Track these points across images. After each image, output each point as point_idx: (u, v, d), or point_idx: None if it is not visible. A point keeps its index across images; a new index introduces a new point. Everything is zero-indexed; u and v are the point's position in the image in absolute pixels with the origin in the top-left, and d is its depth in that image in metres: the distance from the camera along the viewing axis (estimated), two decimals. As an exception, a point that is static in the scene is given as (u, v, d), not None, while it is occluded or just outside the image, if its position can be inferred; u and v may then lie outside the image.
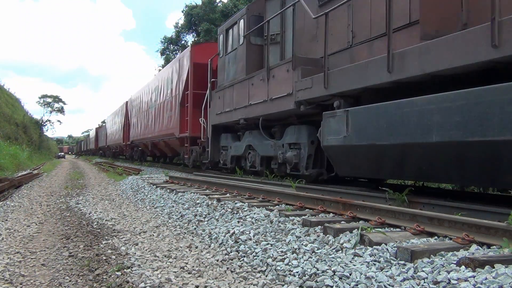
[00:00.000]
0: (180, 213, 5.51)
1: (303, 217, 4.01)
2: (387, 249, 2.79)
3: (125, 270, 3.15)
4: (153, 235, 4.47)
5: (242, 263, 3.22)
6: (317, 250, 3.08)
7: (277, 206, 4.87)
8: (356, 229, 3.26)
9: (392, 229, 3.43)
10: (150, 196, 7.49)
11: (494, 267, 2.24)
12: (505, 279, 2.06)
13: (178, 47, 35.67)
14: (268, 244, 3.43)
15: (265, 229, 3.87)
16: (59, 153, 65.16)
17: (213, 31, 27.91)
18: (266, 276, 2.90)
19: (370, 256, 2.73)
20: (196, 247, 3.84)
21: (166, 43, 36.51)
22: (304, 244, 3.24)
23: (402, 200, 4.73)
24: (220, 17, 29.30)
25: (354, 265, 2.65)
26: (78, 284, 2.99)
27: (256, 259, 3.21)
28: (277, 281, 2.79)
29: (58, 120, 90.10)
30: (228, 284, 2.81)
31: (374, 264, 2.60)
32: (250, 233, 3.80)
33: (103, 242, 4.20)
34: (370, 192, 5.39)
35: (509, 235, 2.70)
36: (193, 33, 33.76)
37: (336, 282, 2.49)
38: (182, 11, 33.55)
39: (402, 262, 2.55)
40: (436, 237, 3.09)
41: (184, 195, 6.62)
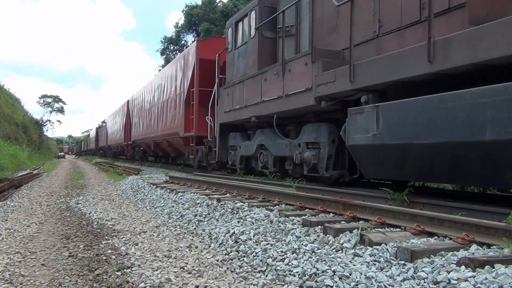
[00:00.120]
0: (180, 213, 5.51)
1: (303, 217, 4.01)
2: (387, 249, 2.79)
3: (125, 270, 3.15)
4: (153, 235, 4.47)
5: (242, 263, 3.22)
6: (317, 250, 3.08)
7: (277, 206, 4.87)
8: (356, 229, 3.26)
9: (392, 229, 3.43)
10: (150, 196, 7.49)
11: (494, 267, 2.24)
12: (505, 279, 2.06)
13: (178, 47, 35.69)
14: (268, 244, 3.43)
15: (265, 229, 3.87)
16: (59, 153, 65.18)
17: (213, 31, 27.94)
18: (266, 276, 2.90)
19: (370, 256, 2.73)
20: (196, 247, 3.84)
21: (166, 43, 36.54)
22: (304, 244, 3.24)
23: (402, 200, 4.73)
24: (220, 17, 29.33)
25: (354, 265, 2.65)
26: (78, 284, 2.99)
27: (256, 259, 3.21)
28: (277, 281, 2.79)
29: (58, 120, 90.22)
30: (228, 284, 2.81)
31: (374, 264, 2.60)
32: (250, 233, 3.80)
33: (103, 242, 4.20)
34: (370, 192, 5.39)
35: (509, 235, 2.70)
36: (193, 33, 33.78)
37: (336, 282, 2.49)
38: (182, 11, 33.61)
39: (402, 262, 2.55)
40: (436, 237, 3.09)
41: (184, 195, 6.62)
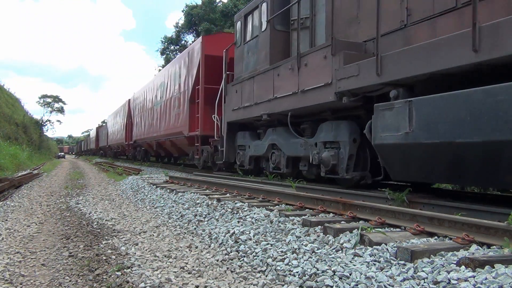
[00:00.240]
0: (180, 213, 5.51)
1: (303, 217, 4.01)
2: (387, 249, 2.79)
3: (125, 270, 3.15)
4: (153, 235, 4.47)
5: (242, 263, 3.22)
6: (317, 250, 3.08)
7: (277, 206, 4.87)
8: (356, 229, 3.26)
9: (392, 229, 3.43)
10: (150, 196, 7.49)
11: (494, 267, 2.24)
12: (505, 279, 2.06)
13: (178, 47, 35.69)
14: (268, 244, 3.43)
15: (265, 229, 3.87)
16: (59, 153, 65.19)
17: (213, 31, 27.92)
18: (266, 276, 2.90)
19: (370, 256, 2.73)
20: (196, 247, 3.84)
21: (166, 43, 36.55)
22: (304, 244, 3.24)
23: (402, 200, 4.73)
24: (220, 17, 29.34)
25: (354, 265, 2.65)
26: (78, 284, 2.99)
27: (256, 259, 3.21)
28: (277, 281, 2.79)
29: (58, 120, 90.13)
30: (228, 284, 2.81)
31: (374, 264, 2.60)
32: (250, 233, 3.80)
33: (103, 242, 4.20)
34: (370, 192, 5.39)
35: (509, 235, 2.70)
36: (193, 33, 33.79)
37: (336, 282, 2.49)
38: (182, 11, 33.61)
39: (402, 262, 2.55)
40: (436, 237, 3.09)
41: (184, 195, 6.62)
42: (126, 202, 7.57)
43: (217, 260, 3.36)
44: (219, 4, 31.45)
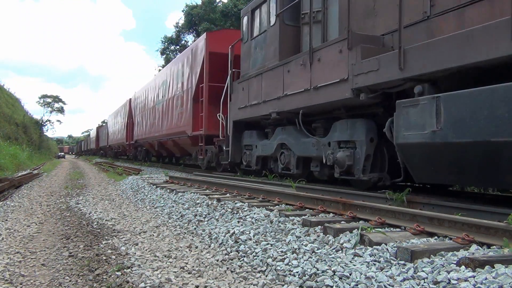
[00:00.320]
0: (180, 213, 5.52)
1: (303, 217, 4.01)
2: (387, 249, 2.79)
3: (125, 270, 3.15)
4: (153, 235, 4.48)
5: (242, 263, 3.22)
6: (317, 250, 3.08)
7: (277, 206, 4.87)
8: (356, 229, 3.27)
9: (392, 229, 3.43)
10: (150, 196, 7.49)
11: (494, 267, 2.24)
12: (505, 279, 2.07)
13: (178, 47, 35.70)
14: (268, 244, 3.43)
15: (265, 229, 3.87)
16: (59, 153, 65.22)
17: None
18: (266, 276, 2.90)
19: (370, 256, 2.73)
20: (196, 247, 3.84)
21: (167, 43, 36.55)
22: (304, 244, 3.24)
23: (401, 200, 4.73)
24: (220, 17, 29.35)
25: (354, 265, 2.65)
26: (78, 284, 2.99)
27: (256, 259, 3.21)
28: (277, 281, 2.79)
29: (58, 120, 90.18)
30: (228, 284, 2.81)
31: (374, 264, 2.60)
32: (250, 233, 3.80)
33: (103, 242, 4.21)
34: (370, 192, 5.39)
35: (509, 235, 2.70)
36: (193, 33, 33.80)
37: (336, 282, 2.49)
38: (182, 11, 33.62)
39: (402, 262, 2.55)
40: (436, 237, 3.09)
41: (184, 195, 6.62)
42: (126, 202, 7.57)
43: (217, 260, 3.36)
44: (219, 4, 31.46)
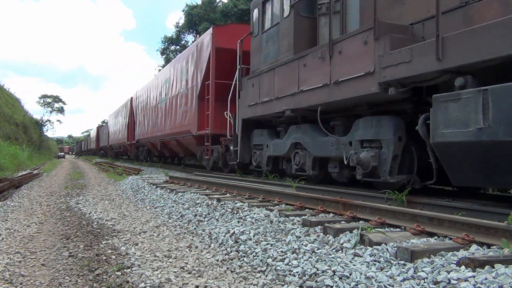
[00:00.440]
0: (180, 213, 5.52)
1: (303, 217, 4.01)
2: (387, 249, 2.79)
3: (125, 270, 3.15)
4: (153, 235, 4.48)
5: (242, 263, 3.22)
6: (317, 250, 3.08)
7: (277, 206, 4.87)
8: (356, 229, 3.27)
9: (392, 229, 3.43)
10: (150, 196, 7.49)
11: (494, 267, 2.24)
12: (505, 279, 2.07)
13: (178, 47, 35.70)
14: (268, 244, 3.43)
15: (265, 229, 3.87)
16: (59, 153, 65.25)
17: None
18: (266, 276, 2.90)
19: (370, 256, 2.73)
20: (196, 247, 3.84)
21: (167, 43, 36.54)
22: (304, 244, 3.24)
23: (401, 200, 4.73)
24: (220, 17, 29.32)
25: (354, 265, 2.65)
26: (78, 284, 2.99)
27: (256, 259, 3.21)
28: (277, 281, 2.79)
29: (58, 120, 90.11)
30: (228, 284, 2.81)
31: (374, 264, 2.60)
32: (250, 233, 3.80)
33: (103, 242, 4.21)
34: (370, 192, 5.39)
35: (509, 235, 2.70)
36: (193, 33, 33.80)
37: (336, 282, 2.49)
38: (183, 11, 33.62)
39: (402, 262, 2.55)
40: (436, 237, 3.09)
41: (184, 195, 6.62)
42: (126, 202, 7.57)
43: (217, 260, 3.36)
44: (219, 4, 31.46)
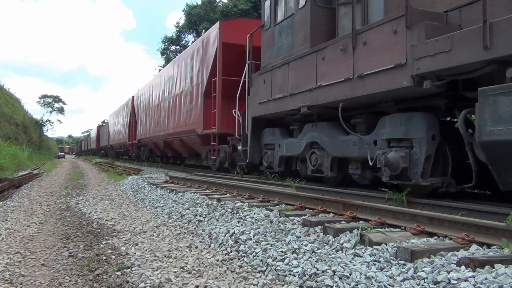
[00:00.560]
0: (180, 213, 5.52)
1: (303, 217, 4.01)
2: (387, 249, 2.79)
3: (125, 270, 3.15)
4: (153, 235, 4.48)
5: (242, 263, 3.22)
6: (317, 250, 3.08)
7: (277, 206, 4.87)
8: (356, 229, 3.27)
9: (392, 229, 3.43)
10: (150, 196, 7.49)
11: (494, 267, 2.24)
12: (505, 279, 2.07)
13: (178, 47, 35.71)
14: (268, 244, 3.43)
15: (265, 229, 3.87)
16: (59, 153, 65.28)
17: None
18: (266, 276, 2.90)
19: (370, 256, 2.73)
20: (196, 247, 3.84)
21: (167, 43, 36.54)
22: (304, 244, 3.24)
23: (401, 200, 4.73)
24: (220, 17, 29.32)
25: (354, 265, 2.65)
26: (78, 284, 3.00)
27: (256, 259, 3.21)
28: (277, 281, 2.79)
29: (58, 120, 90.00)
30: (228, 284, 2.81)
31: (374, 264, 2.61)
32: (250, 233, 3.80)
33: (103, 242, 4.21)
34: (370, 192, 5.39)
35: (509, 235, 2.70)
36: (194, 33, 33.81)
37: (336, 282, 2.49)
38: (183, 11, 33.62)
39: (402, 262, 2.55)
40: (436, 237, 3.09)
41: (184, 195, 6.62)
42: (126, 202, 7.57)
43: (217, 260, 3.36)
44: (219, 4, 31.46)
